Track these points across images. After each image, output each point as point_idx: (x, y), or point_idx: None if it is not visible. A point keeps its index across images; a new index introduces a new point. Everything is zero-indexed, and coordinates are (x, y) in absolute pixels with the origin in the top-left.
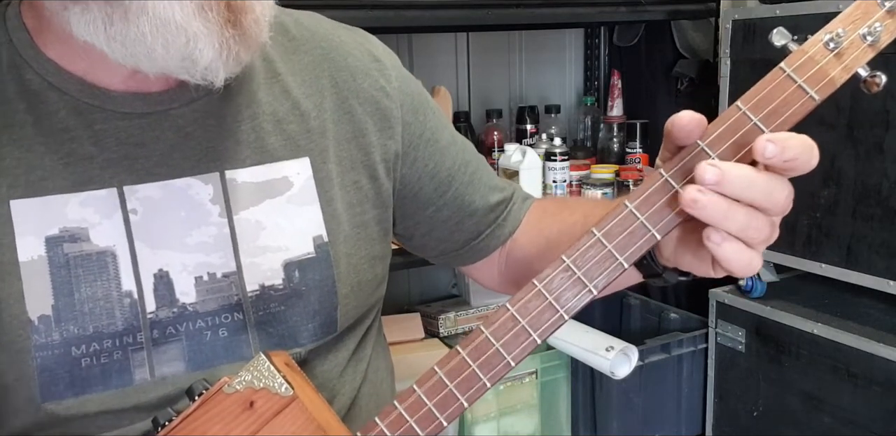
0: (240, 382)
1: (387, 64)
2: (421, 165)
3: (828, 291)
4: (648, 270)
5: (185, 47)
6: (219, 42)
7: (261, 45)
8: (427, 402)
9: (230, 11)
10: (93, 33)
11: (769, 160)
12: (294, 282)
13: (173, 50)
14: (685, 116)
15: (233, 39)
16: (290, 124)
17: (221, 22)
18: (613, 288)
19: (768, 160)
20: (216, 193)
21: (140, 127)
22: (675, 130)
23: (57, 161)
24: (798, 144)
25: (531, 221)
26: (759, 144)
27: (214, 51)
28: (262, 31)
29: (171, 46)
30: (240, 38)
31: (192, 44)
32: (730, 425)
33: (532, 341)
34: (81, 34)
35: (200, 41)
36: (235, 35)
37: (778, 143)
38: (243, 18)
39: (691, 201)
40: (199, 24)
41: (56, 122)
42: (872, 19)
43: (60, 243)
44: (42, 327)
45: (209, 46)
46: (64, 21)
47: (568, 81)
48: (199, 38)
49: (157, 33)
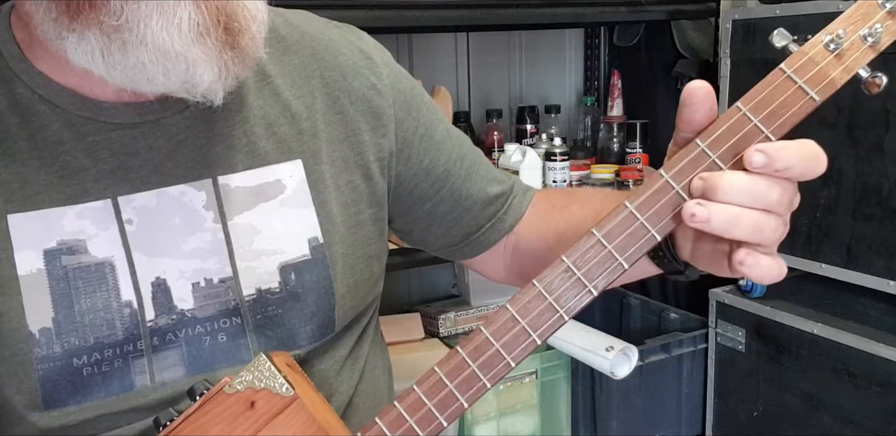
0: (241, 382)
1: (377, 61)
2: (416, 162)
3: (828, 291)
4: (670, 267)
5: (185, 73)
6: (218, 66)
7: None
8: (427, 402)
9: (228, 34)
10: (91, 62)
11: (758, 170)
12: (291, 285)
13: (174, 76)
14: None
15: (231, 61)
16: (281, 127)
17: (219, 46)
18: (627, 279)
19: (757, 170)
20: (209, 199)
21: (133, 137)
22: (685, 95)
23: (52, 174)
24: (793, 153)
25: (538, 213)
26: (748, 154)
27: (214, 74)
28: (258, 47)
29: (171, 74)
30: (238, 59)
31: (192, 69)
32: (730, 425)
33: (532, 341)
34: (79, 62)
35: (200, 66)
36: (234, 57)
37: (768, 152)
38: (241, 39)
39: (689, 215)
40: (199, 50)
41: (49, 135)
42: (873, 20)
43: (59, 256)
44: (43, 340)
45: (209, 71)
46: (61, 48)
47: (568, 81)
48: (198, 63)
49: (157, 62)
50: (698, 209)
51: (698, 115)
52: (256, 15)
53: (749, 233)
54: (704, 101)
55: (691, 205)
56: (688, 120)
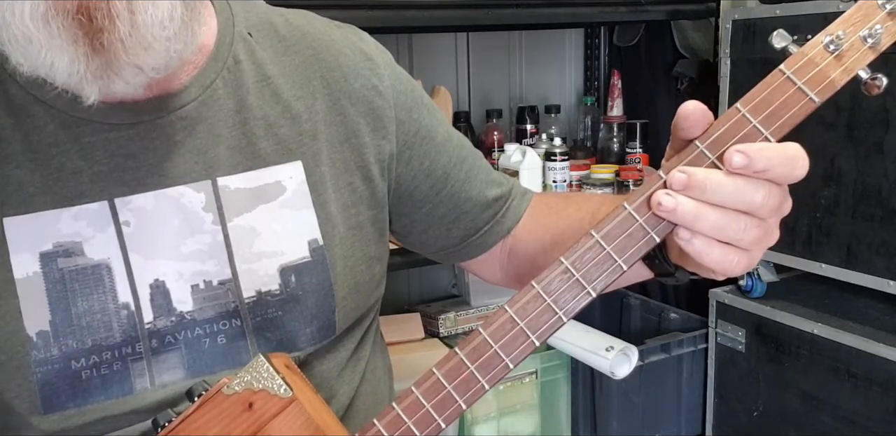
0: (239, 383)
1: (379, 62)
2: (416, 164)
3: (828, 291)
4: (661, 269)
5: (38, 56)
6: (70, 56)
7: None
8: (425, 403)
9: (80, 28)
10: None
11: (737, 170)
12: (291, 287)
13: (31, 60)
14: (690, 105)
15: (87, 56)
16: (281, 128)
17: (68, 35)
18: (622, 283)
19: (736, 170)
20: (208, 201)
21: (129, 138)
22: (679, 119)
23: (47, 176)
24: (773, 154)
25: (534, 216)
26: (728, 154)
27: (65, 63)
28: (131, 53)
29: (29, 56)
30: (97, 56)
31: (40, 53)
32: (730, 425)
33: (530, 343)
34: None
35: (52, 52)
36: (91, 52)
37: (748, 153)
38: (100, 37)
39: (657, 205)
40: (45, 34)
41: (44, 136)
42: (873, 21)
43: (55, 259)
44: (41, 343)
45: (59, 58)
46: None
47: (568, 81)
48: (51, 49)
49: (16, 44)
50: (665, 199)
51: (695, 132)
52: (138, 19)
53: (711, 228)
54: (700, 122)
55: (660, 194)
56: (679, 140)
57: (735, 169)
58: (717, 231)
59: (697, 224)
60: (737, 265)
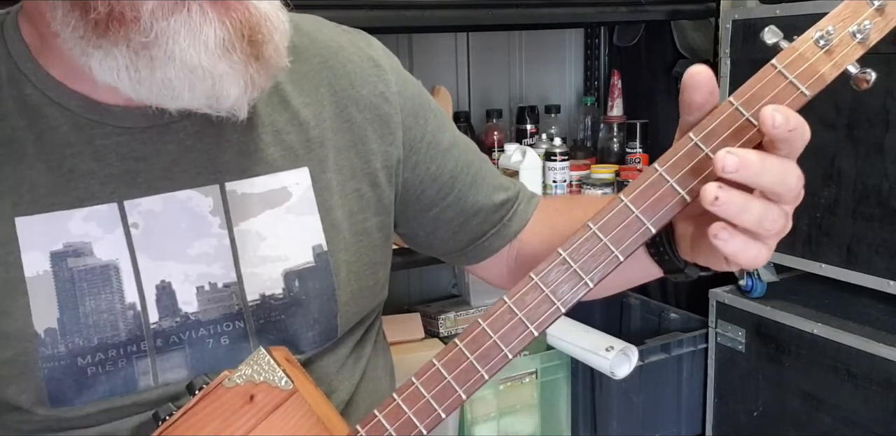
0: (240, 376)
1: (386, 68)
2: (423, 169)
3: (828, 291)
4: (670, 265)
5: (211, 89)
6: (244, 79)
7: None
8: (425, 393)
9: (252, 46)
10: (116, 79)
11: (779, 127)
12: (294, 291)
13: (199, 92)
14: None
15: (257, 74)
16: (288, 135)
17: (245, 59)
18: (630, 284)
19: (778, 127)
20: (216, 205)
21: (141, 141)
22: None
23: (59, 177)
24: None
25: (542, 219)
26: (767, 112)
27: (240, 88)
28: (281, 57)
29: (196, 90)
30: (263, 70)
31: (219, 85)
32: (730, 425)
33: (529, 333)
34: (105, 79)
35: (226, 81)
36: (259, 69)
37: (780, 109)
38: (265, 50)
39: (713, 199)
40: (225, 65)
41: (57, 137)
42: (862, 17)
43: (65, 258)
44: (48, 340)
45: (235, 85)
46: (85, 66)
47: (568, 81)
48: (224, 78)
49: (184, 79)
50: (722, 193)
51: (697, 97)
52: (279, 25)
53: (756, 220)
54: (705, 85)
55: (713, 188)
56: (688, 102)
57: (778, 126)
58: (758, 224)
59: (741, 217)
60: (763, 258)
